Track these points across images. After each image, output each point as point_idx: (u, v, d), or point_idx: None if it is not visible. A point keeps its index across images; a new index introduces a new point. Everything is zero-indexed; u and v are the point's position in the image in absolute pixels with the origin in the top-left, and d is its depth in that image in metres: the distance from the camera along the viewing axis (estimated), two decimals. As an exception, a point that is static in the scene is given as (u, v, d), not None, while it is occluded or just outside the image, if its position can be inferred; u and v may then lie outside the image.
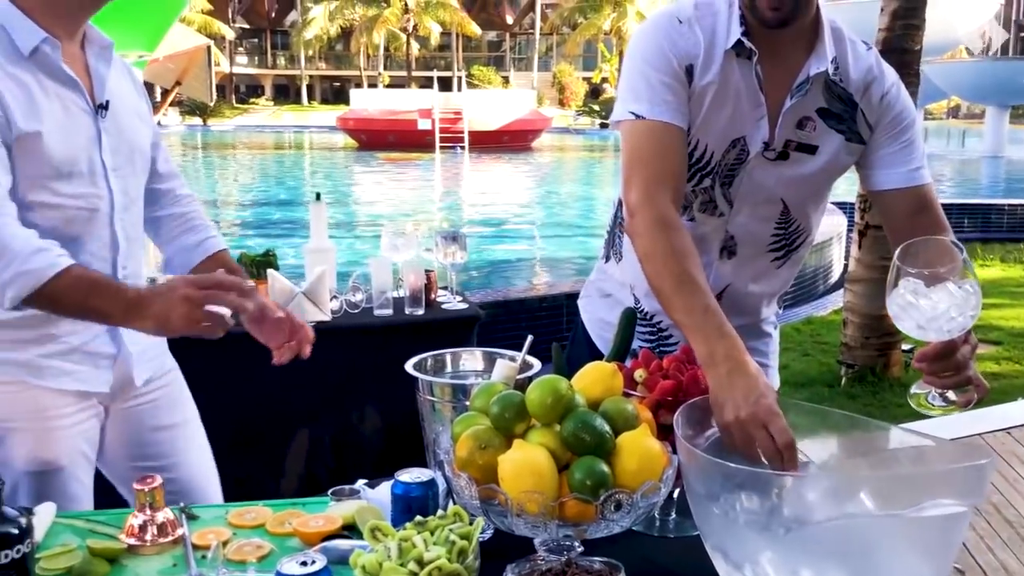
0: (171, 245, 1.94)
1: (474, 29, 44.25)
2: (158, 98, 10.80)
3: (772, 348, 1.90)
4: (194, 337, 1.47)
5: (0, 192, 1.49)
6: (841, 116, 1.62)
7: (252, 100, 51.47)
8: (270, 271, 2.64)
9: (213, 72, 45.93)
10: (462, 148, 23.97)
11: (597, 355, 1.84)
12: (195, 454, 1.94)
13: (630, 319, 1.62)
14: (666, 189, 1.52)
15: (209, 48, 10.09)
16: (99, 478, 1.82)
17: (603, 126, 37.12)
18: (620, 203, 1.81)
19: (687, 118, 1.57)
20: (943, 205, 1.69)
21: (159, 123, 2.57)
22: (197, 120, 39.14)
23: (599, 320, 1.91)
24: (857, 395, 4.89)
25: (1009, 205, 10.96)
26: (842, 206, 9.25)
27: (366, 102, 27.25)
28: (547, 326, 5.43)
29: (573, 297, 5.75)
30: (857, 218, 5.10)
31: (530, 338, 1.48)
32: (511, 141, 25.36)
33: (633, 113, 1.56)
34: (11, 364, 1.66)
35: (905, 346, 5.15)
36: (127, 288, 1.52)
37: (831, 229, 8.20)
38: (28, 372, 1.67)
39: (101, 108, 1.67)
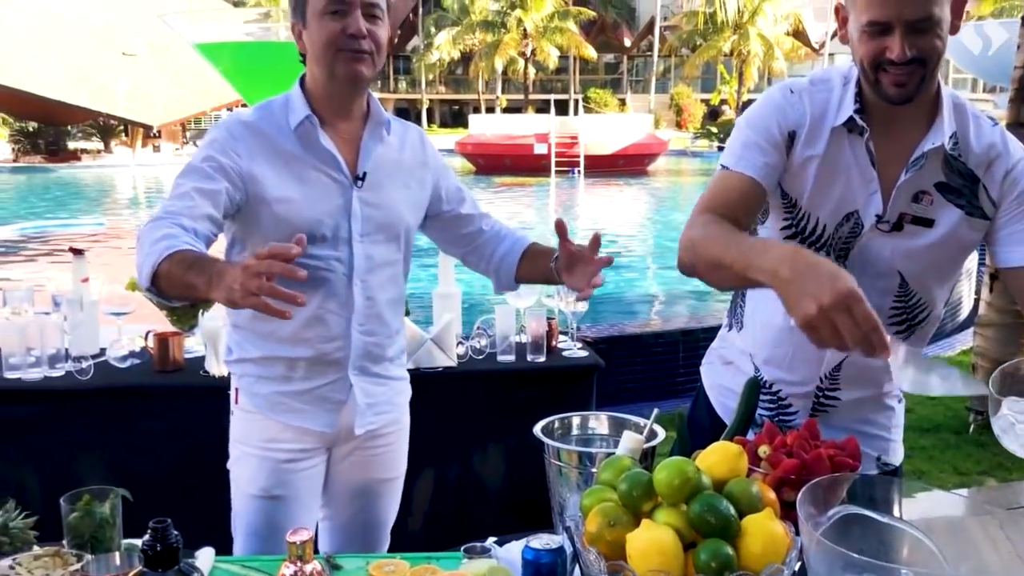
0: (490, 267, 2.11)
1: (591, 53, 44.40)
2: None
3: (895, 422, 1.89)
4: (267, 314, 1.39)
5: (182, 214, 1.63)
6: (961, 191, 1.62)
7: (374, 123, 52.91)
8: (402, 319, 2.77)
9: (338, 97, 47.26)
10: (577, 172, 24.08)
11: (717, 420, 1.88)
12: (392, 506, 2.13)
13: (753, 388, 1.66)
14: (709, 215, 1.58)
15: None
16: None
17: (720, 149, 36.59)
18: None
19: (771, 178, 1.62)
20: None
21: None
22: (322, 143, 40.44)
23: (720, 387, 1.94)
24: (986, 443, 4.71)
25: None
26: (973, 240, 8.93)
27: (484, 127, 27.72)
28: (662, 362, 5.44)
29: (689, 334, 5.73)
30: (988, 260, 4.93)
31: (656, 411, 1.54)
32: (627, 165, 25.33)
33: (722, 165, 1.66)
34: (256, 396, 1.91)
35: (1040, 394, 4.94)
36: (220, 263, 1.52)
37: (961, 264, 7.91)
38: (267, 405, 1.91)
39: (358, 179, 1.85)
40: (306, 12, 1.81)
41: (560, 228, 1.87)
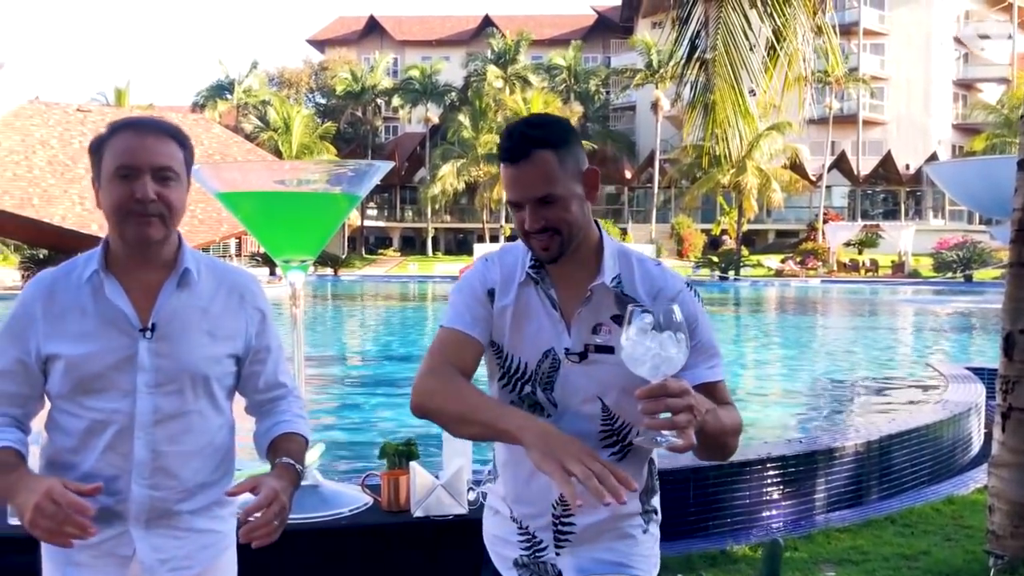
0: (256, 428, 2.08)
1: (593, 184, 45.46)
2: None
3: (640, 551, 1.95)
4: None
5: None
6: None
7: (381, 251, 53.86)
8: (412, 464, 2.75)
9: (346, 227, 48.56)
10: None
11: (493, 570, 2.03)
12: None
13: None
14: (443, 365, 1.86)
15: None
16: None
17: (722, 278, 37.00)
18: None
19: (479, 327, 1.89)
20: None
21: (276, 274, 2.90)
22: (328, 271, 41.09)
23: (490, 535, 2.06)
24: (1008, 588, 4.58)
25: None
26: (979, 372, 8.83)
27: (488, 255, 28.08)
28: (671, 501, 5.34)
29: (699, 472, 5.62)
30: (999, 400, 4.91)
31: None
32: (630, 294, 25.54)
33: (441, 324, 1.93)
34: (47, 547, 1.89)
35: (1059, 536, 4.83)
36: (14, 471, 1.79)
37: (967, 398, 7.83)
38: (55, 557, 1.88)
39: (146, 330, 1.86)
40: (101, 172, 1.87)
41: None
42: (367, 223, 53.96)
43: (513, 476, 1.93)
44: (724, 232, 46.53)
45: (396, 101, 55.09)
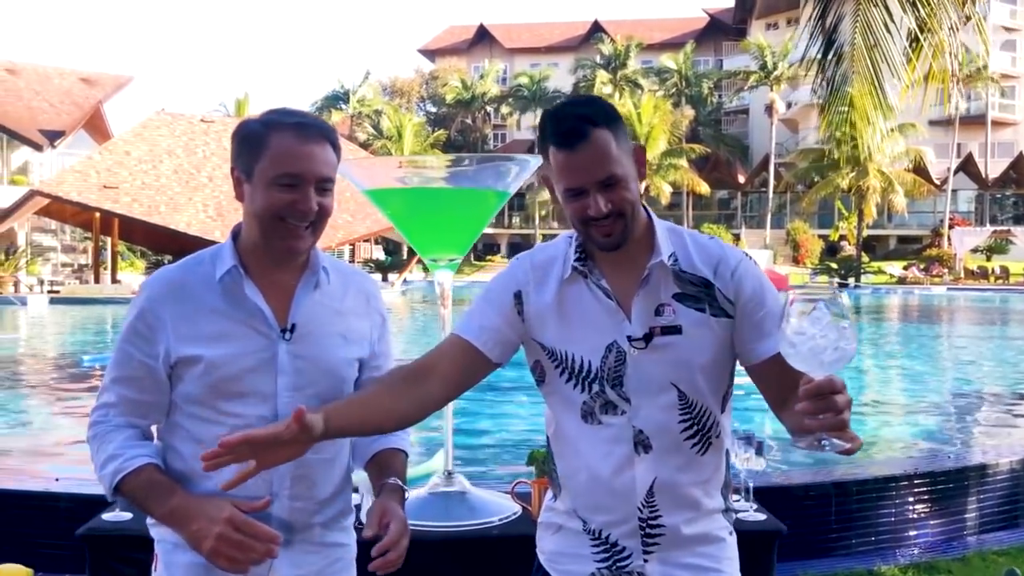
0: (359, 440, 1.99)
1: (705, 188, 44.71)
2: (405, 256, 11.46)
3: (727, 554, 1.86)
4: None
5: (116, 405, 1.78)
6: (697, 296, 1.79)
7: (489, 257, 54.27)
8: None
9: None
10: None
11: None
12: None
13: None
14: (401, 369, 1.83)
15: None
16: None
17: (842, 285, 35.82)
18: (548, 439, 1.91)
19: (486, 335, 1.80)
20: None
21: (404, 280, 2.86)
22: (438, 276, 41.61)
23: (552, 553, 1.90)
24: None
25: None
26: None
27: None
28: (811, 517, 5.10)
29: (841, 487, 5.35)
30: None
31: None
32: (745, 301, 24.96)
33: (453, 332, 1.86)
34: (173, 565, 1.78)
35: None
36: (177, 494, 1.69)
37: None
38: (178, 572, 1.77)
39: (285, 331, 1.77)
40: (253, 169, 1.75)
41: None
42: (476, 229, 54.49)
43: (587, 484, 1.80)
44: (843, 238, 45.07)
45: (505, 109, 55.49)
